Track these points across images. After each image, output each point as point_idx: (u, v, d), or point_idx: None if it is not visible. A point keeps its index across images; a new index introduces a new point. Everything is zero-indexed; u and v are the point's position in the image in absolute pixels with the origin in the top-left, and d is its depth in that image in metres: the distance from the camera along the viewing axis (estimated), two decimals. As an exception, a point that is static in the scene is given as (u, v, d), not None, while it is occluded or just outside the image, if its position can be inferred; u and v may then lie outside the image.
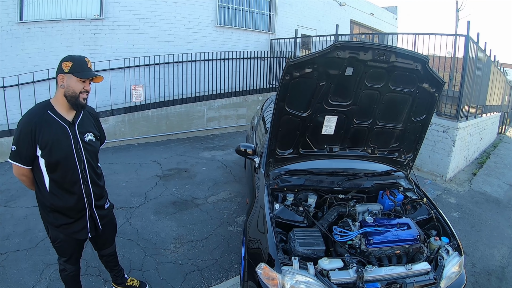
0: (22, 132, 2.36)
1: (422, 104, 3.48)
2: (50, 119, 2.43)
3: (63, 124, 2.48)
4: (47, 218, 2.64)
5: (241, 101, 10.75)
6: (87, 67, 2.45)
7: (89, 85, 2.49)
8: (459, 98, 7.40)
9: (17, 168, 2.48)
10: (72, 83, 2.40)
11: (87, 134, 2.63)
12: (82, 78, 2.40)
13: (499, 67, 13.14)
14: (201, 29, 10.83)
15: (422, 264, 2.72)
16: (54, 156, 2.43)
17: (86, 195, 2.65)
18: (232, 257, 4.20)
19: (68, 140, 2.49)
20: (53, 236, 2.70)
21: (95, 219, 2.79)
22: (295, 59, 2.89)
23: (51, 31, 8.23)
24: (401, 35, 8.49)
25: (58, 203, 2.55)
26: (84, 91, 2.46)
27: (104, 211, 2.89)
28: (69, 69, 2.38)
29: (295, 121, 3.32)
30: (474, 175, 8.76)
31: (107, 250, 3.15)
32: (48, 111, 2.44)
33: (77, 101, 2.45)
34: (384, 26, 19.89)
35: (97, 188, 2.77)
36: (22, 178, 2.57)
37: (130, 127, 8.68)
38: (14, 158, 2.42)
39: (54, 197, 2.54)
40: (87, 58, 2.48)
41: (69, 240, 2.71)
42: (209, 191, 6.02)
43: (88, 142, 2.63)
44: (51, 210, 2.58)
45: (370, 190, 3.74)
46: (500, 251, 5.02)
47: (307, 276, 2.47)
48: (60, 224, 2.62)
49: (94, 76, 2.45)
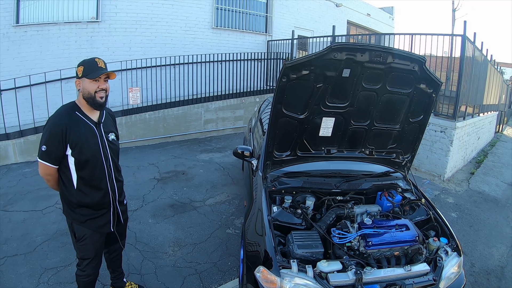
0: (52, 132, 2.45)
1: (420, 105, 3.47)
2: (79, 120, 2.56)
3: (91, 124, 2.62)
4: (73, 215, 2.71)
5: (239, 103, 10.74)
6: (98, 66, 2.52)
7: (104, 83, 2.58)
8: (456, 98, 7.42)
9: (45, 167, 2.55)
10: (86, 85, 2.50)
11: (110, 134, 2.80)
12: (92, 79, 2.48)
13: (495, 66, 13.19)
14: (198, 31, 10.82)
15: (421, 265, 2.71)
16: (84, 154, 2.55)
17: (111, 190, 2.79)
18: (230, 259, 4.18)
19: (96, 139, 2.63)
20: (79, 234, 2.75)
21: (117, 213, 2.92)
22: (291, 61, 2.88)
23: (47, 34, 8.22)
24: (398, 36, 8.53)
25: (86, 200, 2.67)
26: (100, 90, 2.55)
27: (124, 206, 3.03)
28: (81, 73, 2.49)
29: (292, 123, 3.30)
30: (472, 174, 8.77)
31: (117, 245, 3.17)
32: (76, 112, 2.57)
33: (95, 101, 2.55)
34: (380, 26, 19.94)
35: (119, 184, 2.92)
36: (48, 177, 2.64)
37: (127, 129, 8.66)
38: (43, 157, 2.50)
39: (82, 194, 2.65)
40: (97, 58, 2.55)
41: (94, 236, 2.78)
42: (207, 193, 6.01)
43: (111, 141, 2.79)
44: (78, 206, 2.67)
45: (368, 192, 3.74)
46: (499, 250, 5.02)
47: (306, 279, 2.46)
48: (86, 219, 2.71)
49: (102, 73, 2.50)
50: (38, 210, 5.09)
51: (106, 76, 2.56)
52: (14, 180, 6.22)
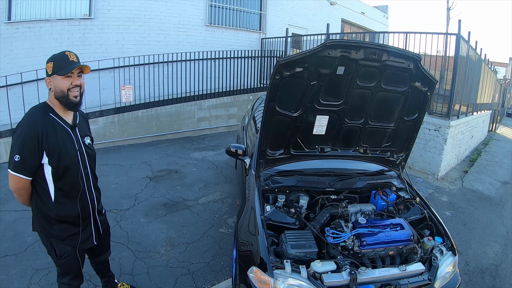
0: (26, 138, 2.17)
1: (415, 103, 3.45)
2: (55, 122, 2.29)
3: (66, 127, 2.36)
4: (52, 232, 2.46)
5: (232, 101, 10.70)
6: (69, 61, 2.26)
7: (78, 79, 2.31)
8: (450, 97, 7.43)
9: (18, 180, 2.26)
10: (58, 83, 2.24)
11: (86, 138, 2.54)
12: (64, 75, 2.23)
13: (489, 65, 13.25)
14: (191, 28, 10.74)
15: (416, 265, 2.70)
16: (63, 162, 2.29)
17: (91, 200, 2.57)
18: (223, 259, 4.15)
19: (73, 144, 2.38)
20: (59, 251, 2.53)
21: (97, 225, 2.70)
22: (285, 58, 2.84)
23: (39, 31, 8.10)
24: (392, 34, 8.53)
25: (65, 212, 2.42)
26: (74, 87, 2.28)
27: (102, 216, 2.81)
28: (51, 70, 2.24)
29: (286, 121, 3.27)
30: (466, 173, 8.80)
31: (103, 257, 3.06)
32: (50, 113, 2.30)
33: (69, 100, 2.28)
34: (375, 25, 19.95)
35: (97, 192, 2.70)
36: (21, 192, 2.36)
37: (120, 128, 8.58)
38: (17, 169, 2.20)
39: (61, 206, 2.40)
40: (68, 52, 2.30)
41: (75, 252, 2.56)
42: (200, 192, 5.97)
43: (88, 145, 2.54)
44: (57, 221, 2.42)
45: (362, 190, 3.72)
46: (493, 248, 5.02)
47: (300, 279, 2.43)
48: (67, 236, 2.48)
49: (74, 67, 2.24)
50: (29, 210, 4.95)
51: (79, 70, 2.30)
52: (5, 180, 6.09)
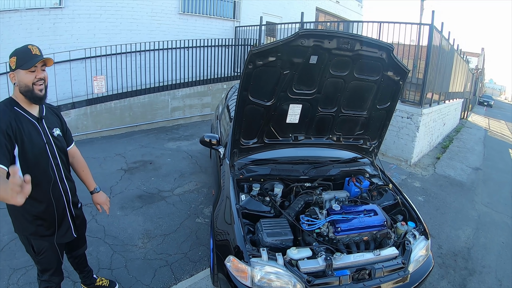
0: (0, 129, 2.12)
1: (387, 92, 3.50)
2: (20, 115, 2.26)
3: (32, 119, 2.31)
4: (31, 229, 2.41)
5: (206, 90, 10.63)
6: (32, 54, 2.23)
7: (42, 72, 2.27)
8: (423, 85, 7.58)
9: None
10: (22, 77, 2.21)
11: (55, 129, 2.49)
12: (28, 68, 2.19)
13: (462, 55, 13.53)
14: (164, 16, 10.55)
15: (390, 249, 2.77)
16: (31, 153, 2.26)
17: (64, 192, 2.52)
18: (201, 249, 4.15)
19: (40, 136, 2.33)
20: (37, 248, 2.48)
21: (74, 218, 2.66)
22: (258, 48, 2.82)
23: (8, 22, 7.75)
24: (366, 23, 8.60)
25: (40, 208, 2.38)
26: (38, 80, 2.24)
27: (78, 210, 2.77)
28: (15, 64, 2.21)
29: (259, 110, 3.26)
30: (438, 159, 9.02)
31: (80, 250, 3.02)
32: (15, 107, 2.26)
33: (34, 94, 2.25)
34: (349, 14, 20.07)
35: (71, 183, 2.64)
36: None
37: (92, 119, 8.38)
38: None
39: (35, 203, 2.34)
40: (30, 45, 2.26)
41: (54, 247, 2.53)
42: (175, 182, 5.93)
43: (57, 137, 2.48)
44: (34, 218, 2.38)
45: (336, 178, 3.76)
46: (465, 232, 5.19)
47: (276, 266, 2.46)
48: (45, 230, 2.44)
49: (37, 61, 2.20)
50: (3, 208, 4.85)
51: (42, 63, 2.26)
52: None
